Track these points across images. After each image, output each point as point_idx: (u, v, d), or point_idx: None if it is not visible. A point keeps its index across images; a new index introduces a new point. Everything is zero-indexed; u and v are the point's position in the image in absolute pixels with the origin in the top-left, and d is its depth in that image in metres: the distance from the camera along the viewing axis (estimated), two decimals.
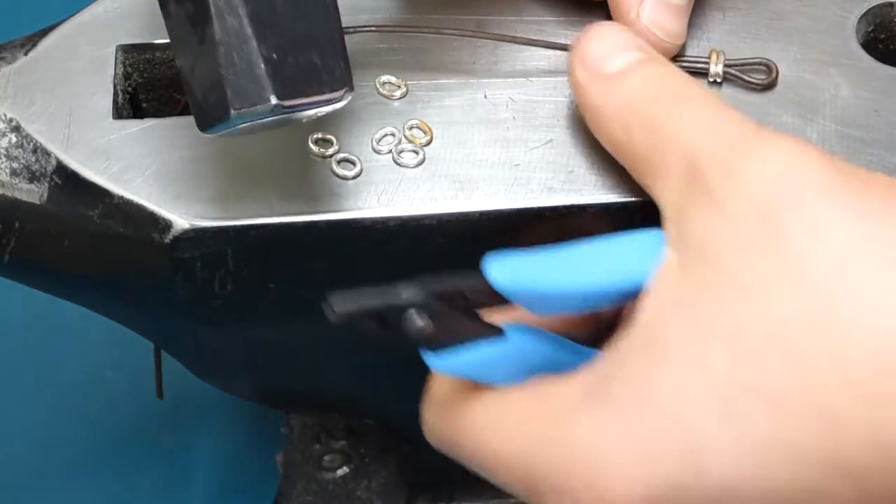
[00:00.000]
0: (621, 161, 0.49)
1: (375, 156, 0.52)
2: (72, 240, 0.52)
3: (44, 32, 0.56)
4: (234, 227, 0.50)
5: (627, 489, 0.43)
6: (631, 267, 0.46)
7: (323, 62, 0.46)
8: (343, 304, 0.43)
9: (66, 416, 0.79)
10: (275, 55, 0.45)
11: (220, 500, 0.77)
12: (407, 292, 0.44)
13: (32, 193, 0.52)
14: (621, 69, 0.49)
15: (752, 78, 0.53)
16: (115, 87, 0.54)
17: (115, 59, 0.55)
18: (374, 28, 0.53)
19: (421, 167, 0.51)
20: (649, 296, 0.45)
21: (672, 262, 0.45)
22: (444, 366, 0.46)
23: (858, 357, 0.41)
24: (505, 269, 0.45)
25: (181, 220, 0.50)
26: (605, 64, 0.49)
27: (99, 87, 0.54)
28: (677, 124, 0.46)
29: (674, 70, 0.49)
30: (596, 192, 0.51)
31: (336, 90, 0.46)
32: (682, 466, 0.43)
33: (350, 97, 0.47)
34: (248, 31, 0.45)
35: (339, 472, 0.70)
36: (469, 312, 0.46)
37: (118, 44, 0.55)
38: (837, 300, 0.41)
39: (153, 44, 0.55)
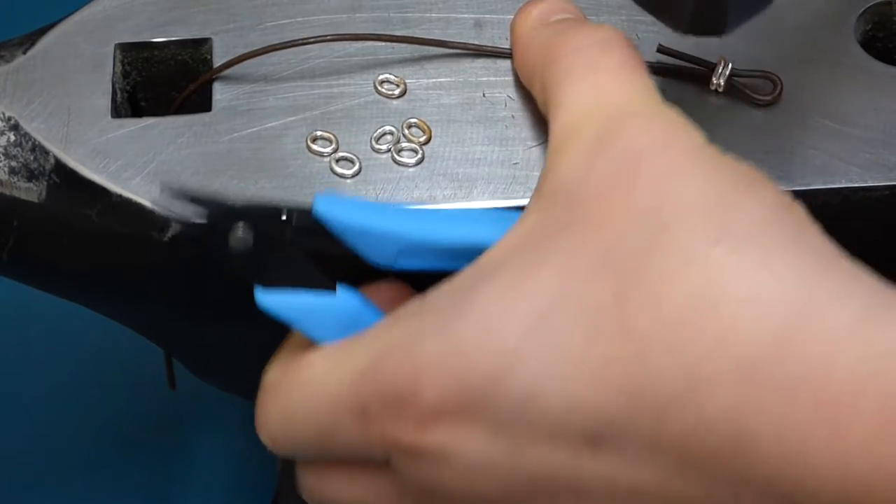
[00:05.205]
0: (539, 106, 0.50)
1: (374, 154, 0.52)
2: (70, 238, 0.52)
3: (42, 31, 0.56)
4: None
5: (441, 384, 0.44)
6: (484, 229, 0.47)
7: None
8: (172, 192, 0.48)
9: (65, 416, 0.79)
10: None
11: (221, 500, 0.77)
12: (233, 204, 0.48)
13: (31, 192, 0.52)
14: (559, 19, 0.51)
15: (757, 93, 0.52)
16: (113, 85, 0.54)
17: (114, 57, 0.55)
18: (372, 36, 0.54)
19: (420, 166, 0.51)
20: (499, 240, 0.46)
21: (531, 210, 0.46)
22: (269, 302, 0.47)
23: (675, 295, 0.42)
24: (330, 202, 0.47)
25: (180, 218, 0.50)
26: (546, 19, 0.51)
27: (97, 85, 0.54)
28: (586, 77, 0.48)
29: (603, 34, 0.49)
30: None
31: None
32: (488, 365, 0.43)
33: None
34: None
35: None
36: (307, 261, 0.48)
37: (117, 42, 0.55)
38: (666, 245, 0.42)
39: (152, 42, 0.55)
